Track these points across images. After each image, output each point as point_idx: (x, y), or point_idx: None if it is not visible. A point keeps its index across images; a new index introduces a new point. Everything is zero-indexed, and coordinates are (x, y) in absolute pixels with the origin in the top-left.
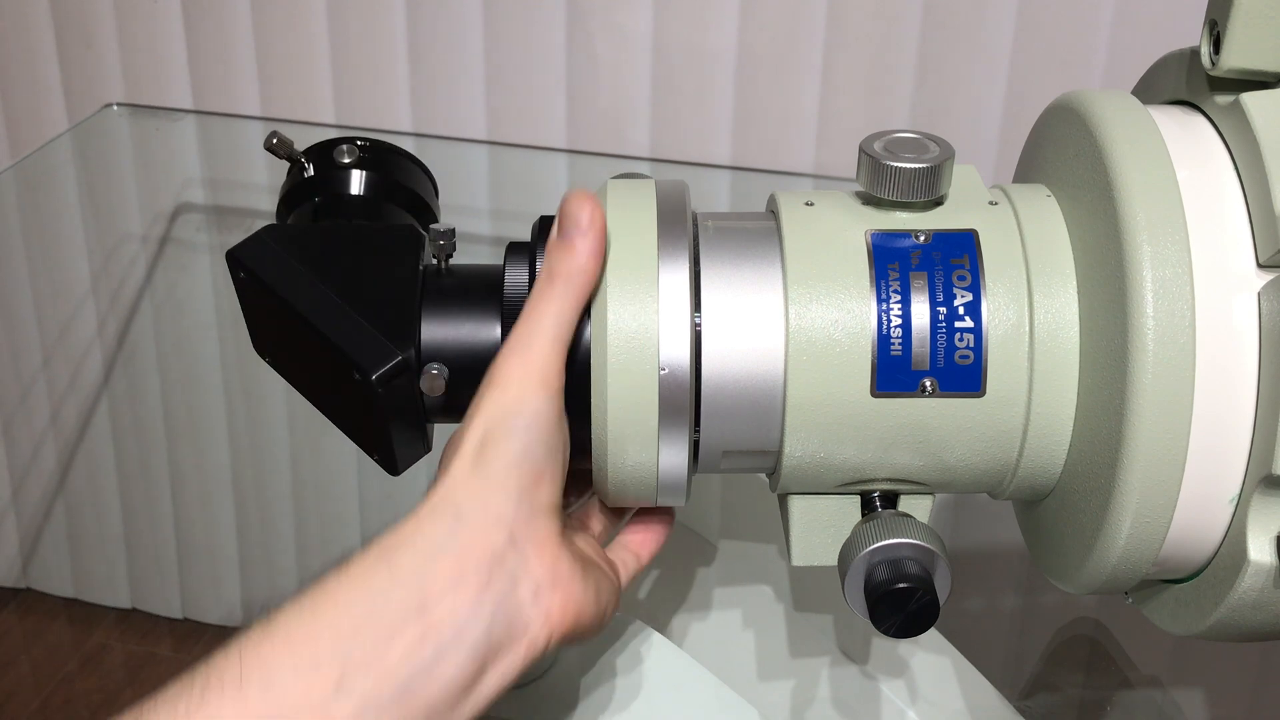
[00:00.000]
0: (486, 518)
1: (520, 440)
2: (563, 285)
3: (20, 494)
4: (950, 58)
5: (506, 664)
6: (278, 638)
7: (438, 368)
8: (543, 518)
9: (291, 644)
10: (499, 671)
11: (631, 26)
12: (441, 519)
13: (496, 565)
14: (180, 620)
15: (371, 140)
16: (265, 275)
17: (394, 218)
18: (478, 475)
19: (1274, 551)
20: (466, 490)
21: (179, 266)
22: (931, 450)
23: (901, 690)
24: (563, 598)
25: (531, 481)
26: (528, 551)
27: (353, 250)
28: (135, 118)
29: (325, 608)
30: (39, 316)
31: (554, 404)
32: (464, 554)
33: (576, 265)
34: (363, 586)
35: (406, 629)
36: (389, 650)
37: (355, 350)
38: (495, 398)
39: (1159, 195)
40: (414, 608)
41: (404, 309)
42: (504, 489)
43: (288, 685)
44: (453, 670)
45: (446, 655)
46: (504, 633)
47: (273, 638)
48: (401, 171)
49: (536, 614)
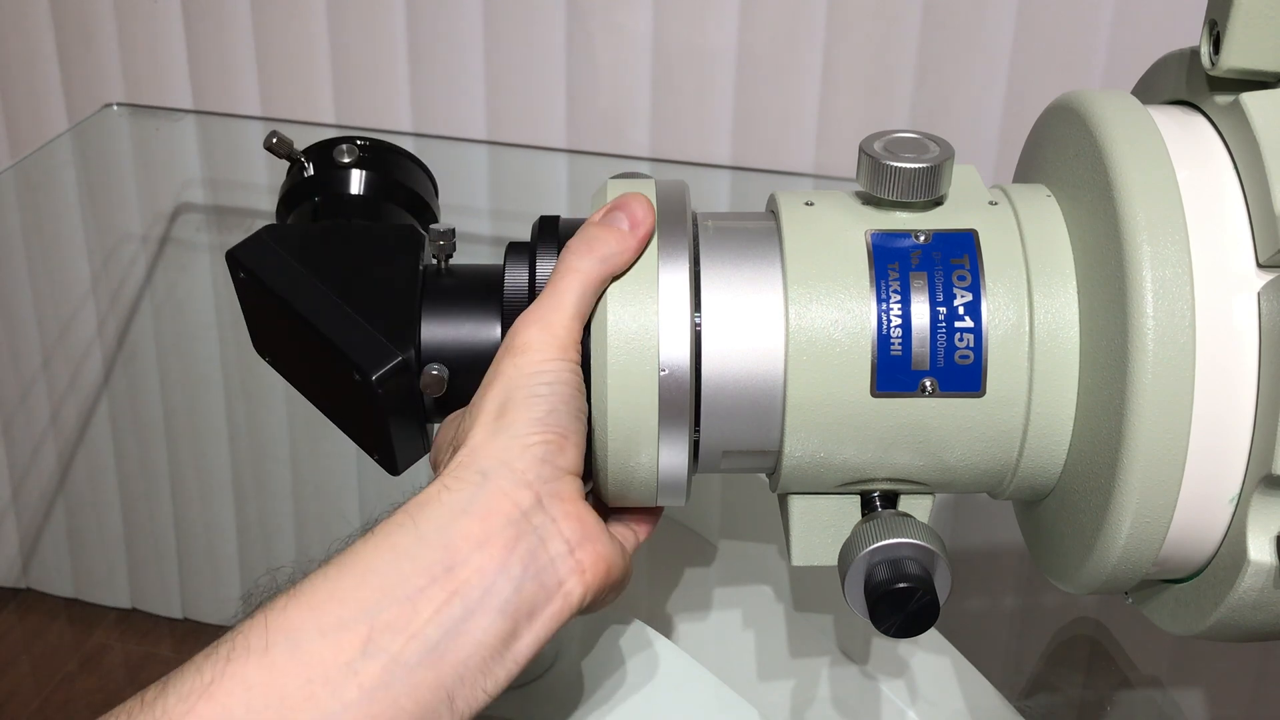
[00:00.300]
0: (512, 478)
1: (545, 402)
2: (596, 263)
3: (20, 494)
4: (950, 58)
5: (542, 622)
6: (303, 602)
7: (438, 368)
8: (567, 478)
9: (317, 608)
10: (534, 630)
11: (631, 26)
12: (466, 480)
13: (524, 524)
14: (180, 620)
15: (371, 140)
16: (265, 275)
17: (394, 217)
18: (501, 435)
19: (1274, 551)
20: (489, 450)
21: (179, 266)
22: (931, 450)
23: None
24: (594, 551)
25: (556, 442)
26: (554, 510)
27: (352, 250)
28: (135, 118)
29: (351, 571)
30: (39, 316)
31: (575, 372)
32: (489, 514)
33: (614, 249)
34: (388, 548)
35: (433, 589)
36: (416, 611)
37: (355, 351)
38: (516, 362)
39: (1159, 195)
40: (440, 568)
41: (404, 309)
42: (528, 450)
43: (314, 648)
44: (482, 630)
45: (475, 615)
46: (536, 590)
47: (299, 603)
48: (401, 171)
49: (569, 569)
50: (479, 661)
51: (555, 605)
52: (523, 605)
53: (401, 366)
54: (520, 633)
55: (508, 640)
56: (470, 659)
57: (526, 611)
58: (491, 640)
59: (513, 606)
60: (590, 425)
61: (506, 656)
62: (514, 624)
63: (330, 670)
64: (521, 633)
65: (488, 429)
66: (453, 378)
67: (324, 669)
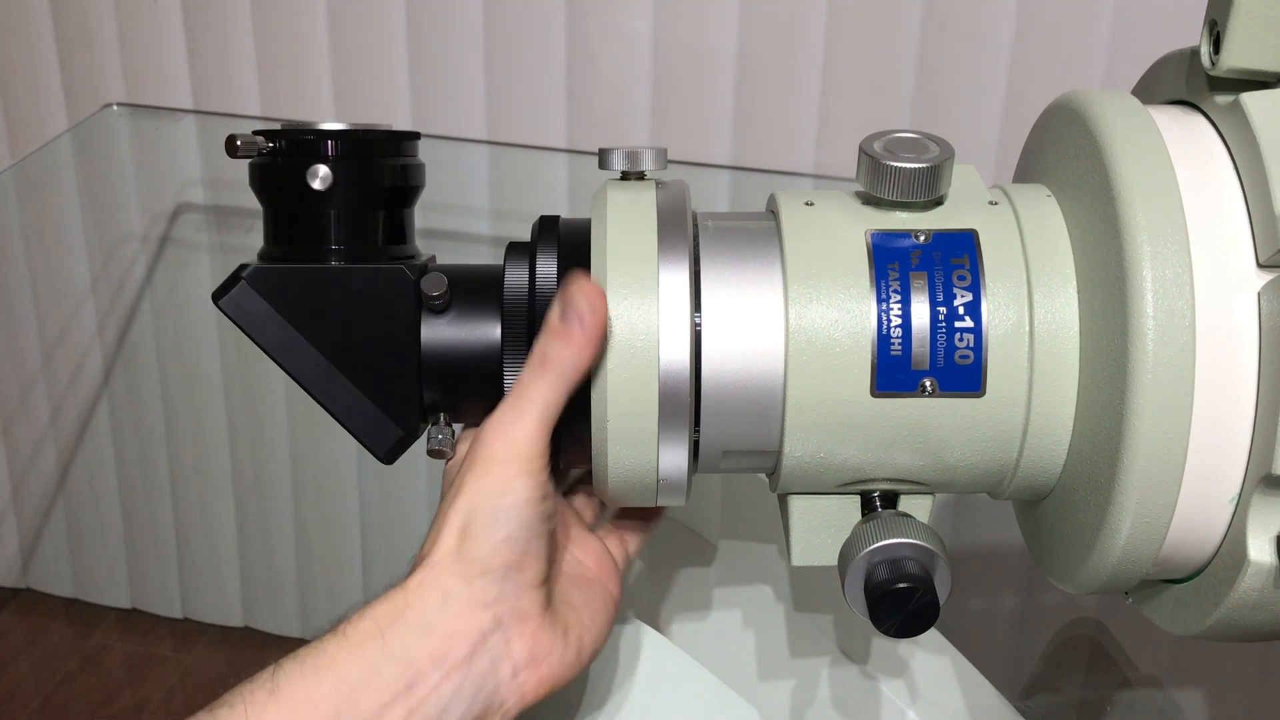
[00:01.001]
0: (472, 600)
1: (504, 527)
2: (554, 373)
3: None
4: (950, 58)
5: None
6: (281, 700)
7: (442, 433)
8: (527, 594)
9: (295, 708)
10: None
11: (631, 26)
12: (429, 600)
13: (479, 646)
14: (180, 620)
15: (341, 143)
16: (252, 332)
17: (379, 222)
18: (463, 559)
19: (1274, 551)
20: (451, 572)
21: (179, 266)
22: (931, 450)
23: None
24: (539, 675)
25: (516, 562)
26: (511, 631)
27: (341, 304)
28: (135, 118)
29: (326, 674)
30: (39, 316)
31: (537, 486)
32: (450, 636)
33: (571, 355)
34: (359, 657)
35: (396, 706)
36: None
37: (358, 430)
38: (478, 481)
39: (1159, 195)
40: (403, 684)
41: (402, 377)
42: (489, 572)
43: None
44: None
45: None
46: (483, 709)
47: (277, 700)
48: (376, 174)
49: (512, 691)
50: None
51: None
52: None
53: (405, 442)
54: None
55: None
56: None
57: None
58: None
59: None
60: (590, 425)
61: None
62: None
63: None
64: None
65: (450, 551)
66: (455, 404)
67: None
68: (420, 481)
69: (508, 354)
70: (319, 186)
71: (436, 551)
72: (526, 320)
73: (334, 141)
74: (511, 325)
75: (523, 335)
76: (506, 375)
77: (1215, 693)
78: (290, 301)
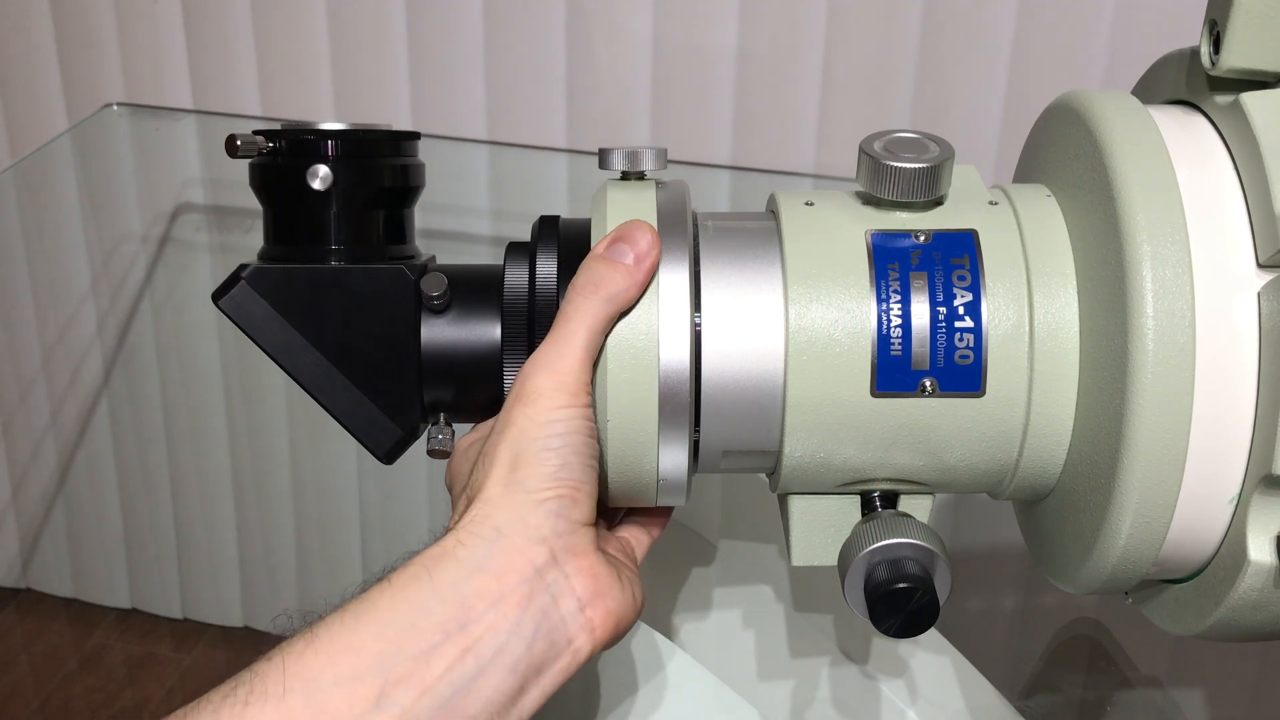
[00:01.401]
0: (527, 535)
1: (558, 455)
2: (603, 301)
3: (20, 494)
4: (950, 58)
5: (549, 678)
6: (321, 650)
7: (442, 433)
8: (581, 531)
9: (334, 655)
10: (541, 686)
11: (631, 26)
12: (481, 535)
13: (537, 581)
14: (180, 620)
15: (341, 143)
16: (254, 334)
17: (378, 222)
18: (515, 490)
19: (1274, 551)
20: (503, 505)
21: (179, 266)
22: (931, 450)
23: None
24: (604, 608)
25: (570, 496)
26: (568, 566)
27: (341, 304)
28: (135, 118)
29: (368, 619)
30: (39, 316)
31: (587, 417)
32: (505, 571)
33: (621, 285)
34: (404, 600)
35: (447, 646)
36: (430, 666)
37: (359, 430)
38: (527, 412)
39: (1159, 195)
40: (455, 624)
41: (402, 379)
42: (542, 505)
43: (329, 697)
44: (493, 688)
45: (486, 673)
46: (546, 648)
47: (316, 648)
48: (375, 174)
49: (579, 626)
50: (486, 717)
51: (563, 662)
52: (533, 663)
53: (405, 441)
54: (528, 689)
55: (515, 697)
56: (479, 715)
57: (536, 668)
58: (500, 698)
59: (523, 664)
60: None
61: (512, 712)
62: (523, 681)
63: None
64: (529, 689)
65: (501, 483)
66: (455, 409)
67: (338, 719)
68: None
69: (508, 354)
70: (319, 186)
71: (488, 487)
72: (526, 320)
73: (334, 141)
74: (511, 325)
75: (523, 335)
76: (506, 375)
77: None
78: (290, 301)
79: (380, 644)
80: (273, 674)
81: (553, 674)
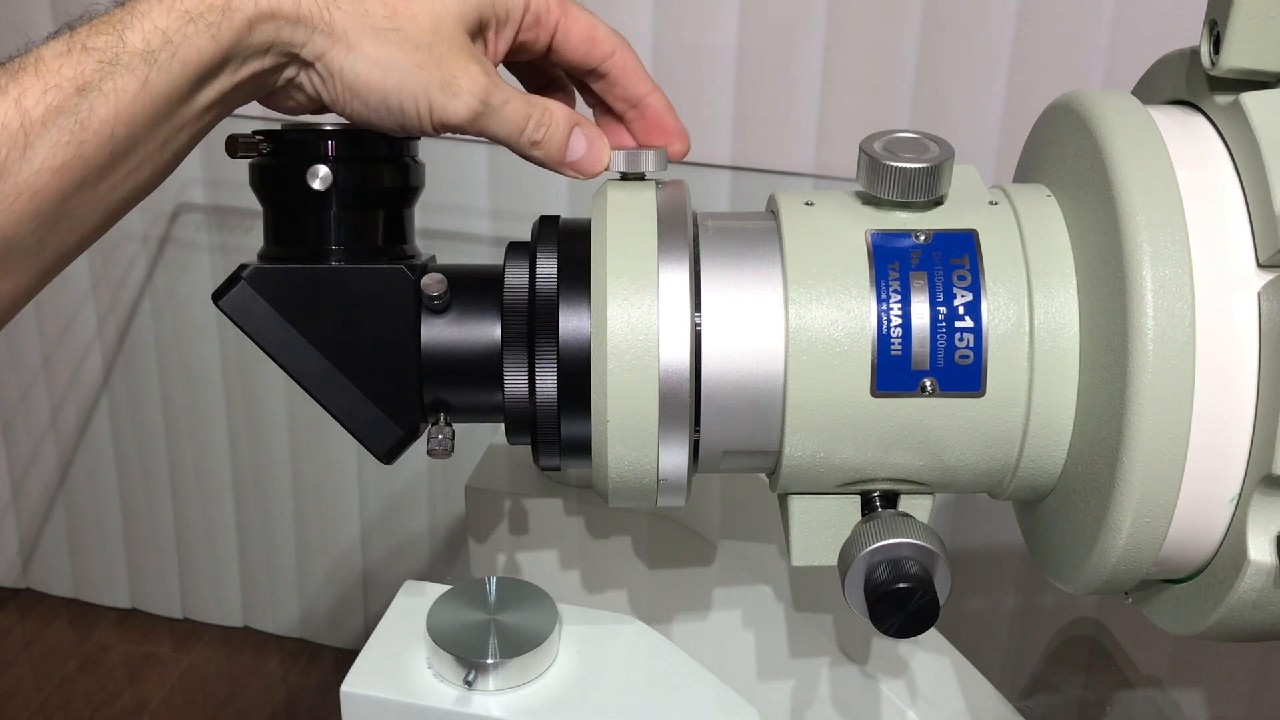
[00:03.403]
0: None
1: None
2: None
3: (20, 494)
4: (950, 58)
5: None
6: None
7: (442, 433)
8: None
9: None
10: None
11: (631, 26)
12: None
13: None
14: (180, 620)
15: (339, 143)
16: (254, 334)
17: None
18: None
19: (1274, 551)
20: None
21: (179, 266)
22: (931, 450)
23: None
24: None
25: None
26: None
27: (341, 304)
28: None
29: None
30: (39, 316)
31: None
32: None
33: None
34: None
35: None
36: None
37: (359, 431)
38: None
39: (1159, 195)
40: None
41: (403, 379)
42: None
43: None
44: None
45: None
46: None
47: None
48: (374, 174)
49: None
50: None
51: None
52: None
53: (405, 441)
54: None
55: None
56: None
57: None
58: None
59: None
60: (590, 425)
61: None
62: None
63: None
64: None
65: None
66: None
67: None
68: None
69: (508, 354)
70: (319, 186)
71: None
72: (526, 320)
73: (334, 141)
74: (511, 325)
75: (523, 335)
76: (507, 375)
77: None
78: (290, 301)
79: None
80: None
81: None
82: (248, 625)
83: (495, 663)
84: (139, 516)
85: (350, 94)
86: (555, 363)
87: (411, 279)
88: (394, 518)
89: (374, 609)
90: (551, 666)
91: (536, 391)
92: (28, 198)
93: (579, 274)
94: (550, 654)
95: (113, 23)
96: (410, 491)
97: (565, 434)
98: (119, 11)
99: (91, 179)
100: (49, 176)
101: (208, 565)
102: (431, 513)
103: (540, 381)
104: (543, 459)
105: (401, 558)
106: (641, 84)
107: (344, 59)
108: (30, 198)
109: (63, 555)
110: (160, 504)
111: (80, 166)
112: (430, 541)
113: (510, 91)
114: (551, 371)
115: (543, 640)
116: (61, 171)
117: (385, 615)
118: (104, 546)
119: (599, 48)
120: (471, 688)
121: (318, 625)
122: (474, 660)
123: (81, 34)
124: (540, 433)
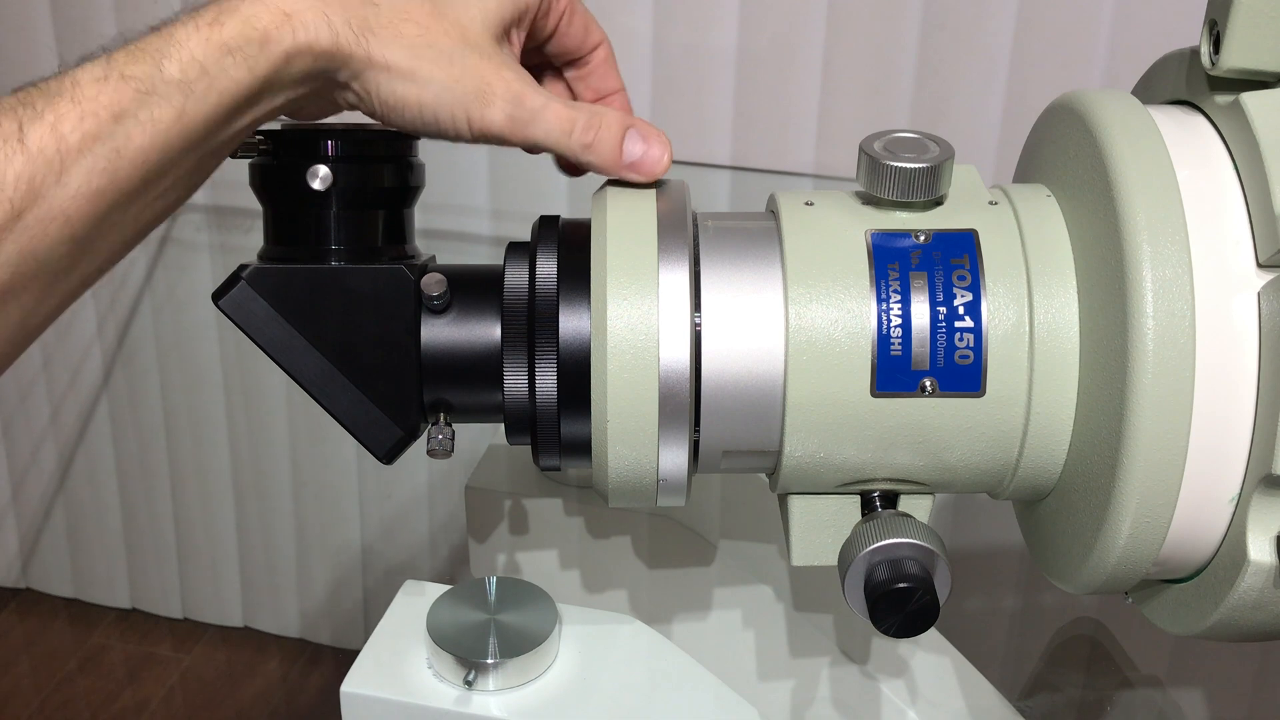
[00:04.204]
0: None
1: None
2: None
3: (20, 494)
4: (950, 58)
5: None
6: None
7: (442, 433)
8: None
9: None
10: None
11: (631, 26)
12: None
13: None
14: (180, 620)
15: (340, 142)
16: (254, 334)
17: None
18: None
19: (1274, 551)
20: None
21: (179, 266)
22: (931, 450)
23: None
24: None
25: None
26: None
27: (341, 304)
28: None
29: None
30: None
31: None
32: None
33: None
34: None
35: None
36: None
37: (359, 431)
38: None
39: (1159, 195)
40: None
41: (403, 379)
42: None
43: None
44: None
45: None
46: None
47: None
48: (374, 174)
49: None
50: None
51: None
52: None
53: (405, 441)
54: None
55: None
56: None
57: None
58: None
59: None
60: (590, 425)
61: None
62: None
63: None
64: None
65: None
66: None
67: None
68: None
69: (508, 354)
70: (319, 186)
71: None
72: (526, 320)
73: (334, 141)
74: (511, 325)
75: (523, 335)
76: (506, 375)
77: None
78: (290, 301)
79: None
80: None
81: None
82: (248, 625)
83: (495, 663)
84: (139, 516)
85: (387, 109)
86: (555, 363)
87: (411, 279)
88: (394, 518)
89: (374, 609)
90: (551, 666)
91: (536, 391)
92: (61, 222)
93: (579, 274)
94: (550, 654)
95: (150, 51)
96: (410, 491)
97: (565, 434)
98: (156, 39)
99: (124, 203)
100: (83, 202)
101: (208, 565)
102: (431, 513)
103: (540, 381)
104: (543, 459)
105: (401, 558)
106: (613, 80)
107: (380, 79)
108: (64, 222)
109: (63, 555)
110: (160, 504)
111: (114, 192)
112: (430, 541)
113: (548, 96)
114: (551, 371)
115: (543, 640)
116: (96, 197)
117: (385, 615)
118: (104, 546)
119: (591, 38)
120: (471, 688)
121: (318, 625)
122: (474, 660)
123: (119, 61)
124: (540, 433)
